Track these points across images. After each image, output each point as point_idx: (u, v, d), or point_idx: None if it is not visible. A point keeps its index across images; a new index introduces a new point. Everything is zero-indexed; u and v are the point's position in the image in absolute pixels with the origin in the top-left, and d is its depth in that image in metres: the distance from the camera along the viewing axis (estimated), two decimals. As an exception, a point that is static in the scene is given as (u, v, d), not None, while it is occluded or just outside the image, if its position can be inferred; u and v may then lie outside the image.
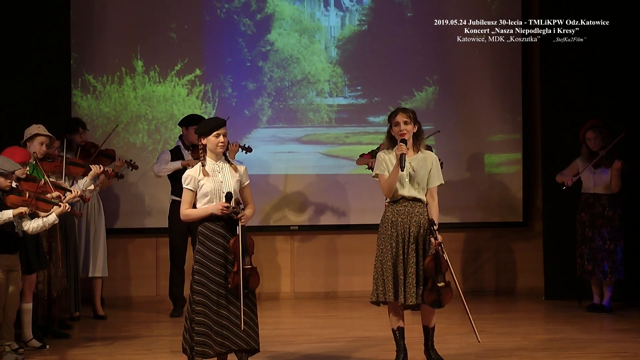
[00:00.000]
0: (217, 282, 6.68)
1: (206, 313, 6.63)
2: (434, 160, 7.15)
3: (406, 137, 7.04)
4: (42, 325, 8.33)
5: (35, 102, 9.64)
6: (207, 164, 6.77)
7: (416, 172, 7.06)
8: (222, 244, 6.71)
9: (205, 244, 6.72)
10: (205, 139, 6.77)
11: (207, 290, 6.65)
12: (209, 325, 6.63)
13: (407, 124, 7.06)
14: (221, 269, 6.70)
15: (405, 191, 7.08)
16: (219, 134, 6.75)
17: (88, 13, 10.28)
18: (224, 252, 6.71)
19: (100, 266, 9.49)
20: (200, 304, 6.64)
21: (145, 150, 10.43)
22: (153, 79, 10.46)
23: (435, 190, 7.12)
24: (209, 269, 6.68)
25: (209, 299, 6.65)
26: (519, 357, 7.63)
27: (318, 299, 10.61)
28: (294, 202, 10.69)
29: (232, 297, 6.69)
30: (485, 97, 10.82)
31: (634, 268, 9.99)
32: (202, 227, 6.75)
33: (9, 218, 7.29)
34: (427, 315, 7.20)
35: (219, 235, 6.73)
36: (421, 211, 7.08)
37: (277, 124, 10.69)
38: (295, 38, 10.70)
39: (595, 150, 9.61)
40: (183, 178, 6.77)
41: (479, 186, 10.87)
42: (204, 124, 6.89)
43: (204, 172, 6.73)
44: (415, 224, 7.04)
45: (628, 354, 7.73)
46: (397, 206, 7.10)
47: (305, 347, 8.07)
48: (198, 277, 6.68)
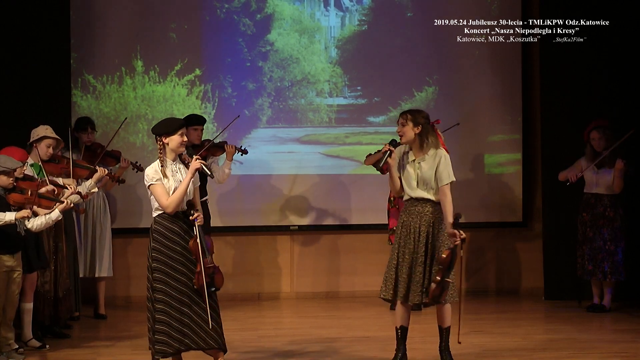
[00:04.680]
0: (180, 280, 6.67)
1: (167, 311, 6.62)
2: (441, 157, 7.15)
3: (402, 140, 7.15)
4: (49, 325, 8.35)
5: (35, 102, 9.64)
6: (166, 164, 6.73)
7: (423, 173, 7.11)
8: (179, 243, 6.70)
9: (163, 242, 6.68)
10: (168, 138, 6.71)
11: (168, 288, 6.64)
12: (169, 324, 6.62)
13: (403, 126, 7.14)
14: (182, 267, 6.68)
15: (413, 192, 7.16)
16: (183, 133, 6.74)
17: (88, 13, 10.28)
18: (183, 251, 6.69)
19: (105, 266, 9.51)
20: (161, 302, 6.62)
21: (145, 150, 10.42)
22: (153, 79, 10.46)
23: (446, 188, 7.13)
24: (170, 267, 6.66)
25: (171, 296, 6.63)
26: (519, 357, 7.64)
27: (318, 299, 10.61)
28: (294, 202, 10.69)
29: (194, 296, 6.68)
30: (485, 97, 10.82)
31: (634, 269, 9.98)
32: (157, 225, 6.72)
33: (10, 220, 7.29)
34: (442, 315, 7.22)
35: (175, 234, 6.71)
36: (432, 210, 7.13)
37: (277, 124, 10.69)
38: (295, 38, 10.70)
39: (599, 150, 9.61)
40: (148, 177, 6.69)
41: (479, 186, 10.87)
42: (167, 123, 6.80)
43: (163, 173, 6.70)
44: (425, 224, 7.11)
45: (628, 354, 7.74)
46: (408, 206, 7.21)
47: (305, 347, 8.07)
48: (159, 275, 6.64)
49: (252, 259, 10.67)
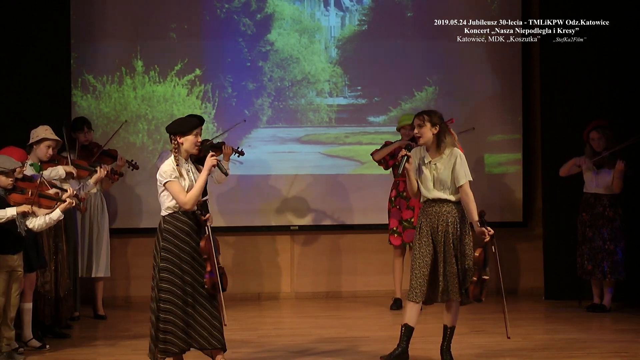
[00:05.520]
0: (186, 280, 6.68)
1: (173, 311, 6.63)
2: (457, 157, 7.13)
3: (420, 141, 7.14)
4: (49, 325, 8.35)
5: (35, 102, 9.64)
6: (181, 163, 6.73)
7: (439, 174, 7.11)
8: (189, 243, 6.71)
9: (173, 242, 6.69)
10: (183, 137, 6.70)
11: (175, 287, 6.65)
12: (175, 323, 6.63)
13: (421, 127, 7.12)
14: (189, 267, 6.69)
15: (430, 194, 7.16)
16: (198, 134, 6.74)
17: (88, 13, 10.28)
18: (191, 251, 6.70)
19: (103, 266, 9.49)
20: (167, 301, 6.63)
21: (145, 150, 10.42)
22: (153, 79, 10.46)
23: (466, 186, 7.13)
24: (178, 267, 6.66)
25: (177, 296, 6.64)
26: (519, 357, 7.63)
27: (318, 299, 10.61)
28: (294, 202, 10.68)
29: (199, 297, 6.70)
30: (485, 97, 10.82)
31: (634, 268, 9.98)
32: (166, 224, 6.71)
33: (12, 216, 7.29)
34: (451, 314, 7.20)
35: (185, 233, 6.71)
36: (449, 210, 7.12)
37: (277, 124, 10.69)
38: (295, 38, 10.70)
39: (599, 150, 9.61)
40: (164, 174, 6.65)
41: (479, 186, 10.81)
42: (182, 122, 6.78)
43: (179, 172, 6.69)
44: (443, 223, 7.11)
45: (628, 354, 7.74)
46: (426, 208, 7.20)
47: (305, 347, 8.07)
48: (166, 275, 6.66)
49: (252, 259, 10.67)
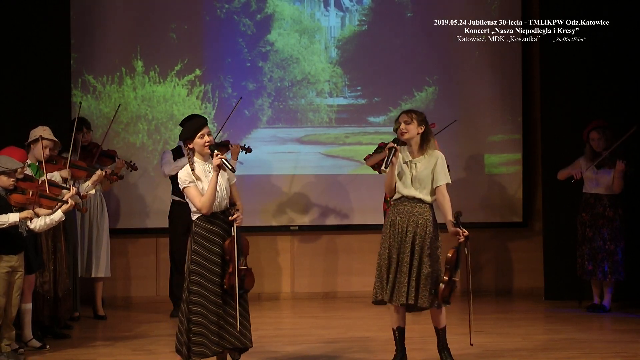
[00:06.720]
0: (215, 282, 6.70)
1: (203, 313, 6.65)
2: (438, 159, 7.13)
3: (405, 136, 7.08)
4: (49, 325, 8.35)
5: (35, 102, 9.62)
6: (197, 166, 6.76)
7: (418, 173, 7.08)
8: (219, 244, 6.72)
9: (202, 244, 6.72)
10: (192, 142, 6.74)
11: (204, 290, 6.67)
12: (206, 325, 6.65)
13: (408, 124, 7.09)
14: (218, 269, 6.71)
15: (406, 191, 7.11)
16: (202, 135, 6.74)
17: (88, 13, 10.28)
18: (221, 252, 6.72)
19: (103, 267, 9.49)
20: (197, 304, 6.65)
21: (145, 151, 10.43)
22: (153, 79, 10.46)
23: (443, 188, 7.11)
24: (206, 269, 6.69)
25: (207, 298, 6.66)
26: (519, 357, 7.63)
27: (318, 299, 10.61)
28: (294, 202, 10.69)
29: (227, 297, 6.72)
30: (485, 97, 10.83)
31: (634, 268, 9.98)
32: (197, 228, 6.74)
33: (15, 222, 7.30)
34: (435, 316, 7.19)
35: (215, 234, 6.73)
36: (421, 211, 7.08)
37: (277, 124, 10.69)
38: (295, 38, 10.70)
39: (599, 150, 9.62)
40: (181, 180, 6.72)
41: (479, 186, 10.87)
42: (187, 128, 6.80)
43: (195, 176, 6.72)
44: (413, 224, 7.06)
45: (628, 354, 7.74)
46: (397, 205, 7.14)
47: (305, 347, 8.07)
48: (195, 278, 6.69)
49: (252, 259, 10.60)
